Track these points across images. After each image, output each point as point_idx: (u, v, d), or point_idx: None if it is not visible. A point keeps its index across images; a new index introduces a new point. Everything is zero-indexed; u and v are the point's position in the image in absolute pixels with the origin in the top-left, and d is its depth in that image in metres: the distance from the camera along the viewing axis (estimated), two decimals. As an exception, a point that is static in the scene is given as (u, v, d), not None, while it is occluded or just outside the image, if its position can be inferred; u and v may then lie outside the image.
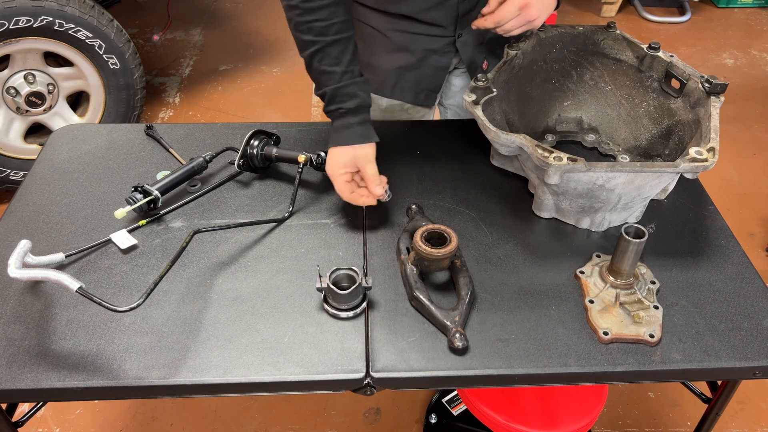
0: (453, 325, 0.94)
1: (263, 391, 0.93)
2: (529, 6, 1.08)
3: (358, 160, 1.07)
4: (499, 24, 1.11)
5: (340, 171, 1.08)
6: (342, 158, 1.07)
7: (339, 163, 1.07)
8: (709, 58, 3.32)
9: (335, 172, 1.08)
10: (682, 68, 1.18)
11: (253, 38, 3.44)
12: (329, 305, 0.99)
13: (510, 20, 1.10)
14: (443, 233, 1.01)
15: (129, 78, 2.37)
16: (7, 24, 2.04)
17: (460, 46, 1.30)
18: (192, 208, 1.19)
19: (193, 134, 1.37)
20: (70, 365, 0.92)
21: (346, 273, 0.98)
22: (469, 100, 1.13)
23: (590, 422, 1.27)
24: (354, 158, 1.07)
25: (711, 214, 1.19)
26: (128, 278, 1.05)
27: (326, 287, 0.97)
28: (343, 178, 1.08)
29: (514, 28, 1.12)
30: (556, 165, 0.98)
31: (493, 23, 1.11)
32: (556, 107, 1.34)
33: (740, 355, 0.94)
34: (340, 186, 1.09)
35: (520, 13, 1.09)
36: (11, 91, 2.21)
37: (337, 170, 1.08)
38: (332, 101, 1.06)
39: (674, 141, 1.19)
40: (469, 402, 1.30)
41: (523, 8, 1.09)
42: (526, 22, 1.11)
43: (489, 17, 1.12)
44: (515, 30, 1.12)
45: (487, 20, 1.12)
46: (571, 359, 0.93)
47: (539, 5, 1.09)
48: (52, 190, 1.23)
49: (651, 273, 1.05)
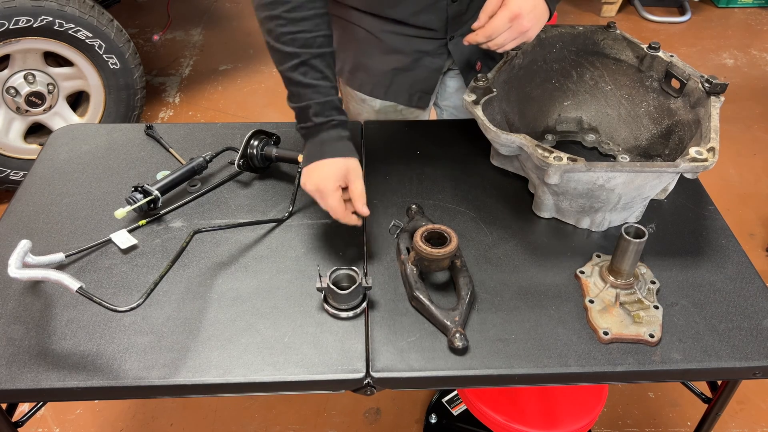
0: (453, 325, 0.94)
1: (263, 391, 0.93)
2: (520, 17, 1.04)
3: (350, 174, 1.01)
4: (490, 38, 1.07)
5: (333, 185, 0.99)
6: (334, 171, 1.00)
7: (331, 176, 1.00)
8: (709, 58, 3.32)
9: (328, 187, 0.99)
10: (682, 68, 1.18)
11: (253, 38, 3.44)
12: (329, 305, 0.99)
13: (501, 33, 1.06)
14: (443, 233, 1.01)
15: (129, 78, 2.37)
16: (7, 24, 2.04)
17: (452, 48, 1.30)
18: (192, 208, 1.19)
19: (193, 134, 1.37)
20: (70, 365, 0.92)
21: (346, 273, 0.98)
22: (469, 100, 1.13)
23: (590, 422, 1.27)
24: (346, 171, 1.00)
25: (711, 214, 1.19)
26: (128, 278, 1.05)
27: (326, 287, 0.97)
28: (337, 193, 1.00)
29: (507, 41, 1.07)
30: (556, 165, 0.98)
31: (485, 37, 1.07)
32: (556, 107, 1.34)
33: (740, 355, 0.94)
34: (335, 203, 1.00)
35: (511, 25, 1.05)
36: (11, 91, 2.21)
37: (330, 184, 0.99)
38: (320, 114, 1.01)
39: (674, 141, 1.19)
40: (469, 402, 1.30)
41: (514, 19, 1.04)
42: (519, 34, 1.06)
43: (480, 32, 1.07)
44: (509, 43, 1.08)
45: (478, 35, 1.08)
46: (571, 359, 0.93)
47: (531, 16, 1.05)
48: (52, 190, 1.23)
49: (651, 273, 1.05)
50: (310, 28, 0.99)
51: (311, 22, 0.99)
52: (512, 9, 1.04)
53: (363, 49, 1.31)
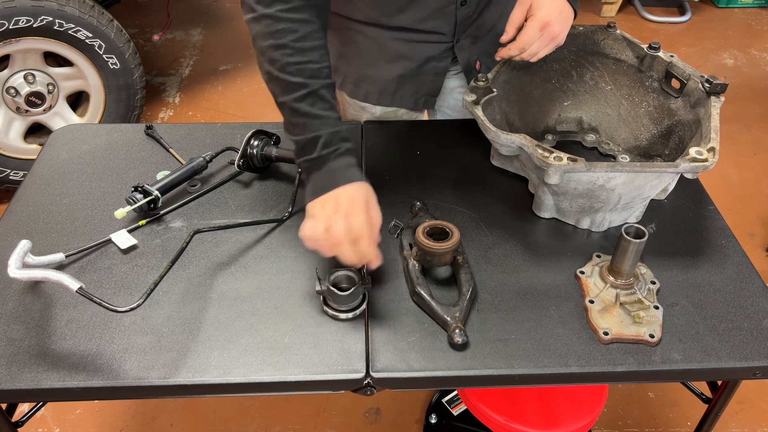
0: (453, 321, 0.95)
1: (263, 391, 0.93)
2: (550, 24, 1.05)
3: (371, 200, 0.94)
4: (523, 49, 1.07)
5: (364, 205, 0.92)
6: (361, 194, 0.93)
7: (358, 198, 0.92)
8: (709, 58, 3.32)
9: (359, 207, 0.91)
10: (682, 68, 1.18)
11: (253, 38, 3.44)
12: (329, 307, 0.99)
13: (534, 43, 1.07)
14: (445, 228, 1.01)
15: (129, 78, 2.37)
16: (7, 24, 2.04)
17: (458, 51, 1.30)
18: (192, 208, 1.19)
19: (193, 134, 1.37)
20: (70, 365, 0.92)
21: (346, 274, 0.98)
22: (469, 100, 1.13)
23: (590, 422, 1.27)
24: (367, 197, 0.93)
25: (711, 214, 1.18)
26: (128, 278, 1.05)
27: (325, 290, 0.97)
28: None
29: (540, 49, 1.08)
30: (556, 165, 0.98)
31: (518, 50, 1.08)
32: (556, 107, 1.34)
33: (740, 355, 0.94)
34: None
35: (542, 34, 1.06)
36: (11, 91, 2.21)
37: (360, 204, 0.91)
38: (328, 145, 0.94)
39: (674, 141, 1.19)
40: (469, 402, 1.30)
41: (544, 27, 1.05)
42: (551, 40, 1.08)
43: (512, 45, 1.08)
44: (543, 51, 1.09)
45: (510, 49, 1.08)
46: (571, 359, 0.93)
47: (559, 20, 1.06)
48: (52, 190, 1.23)
49: (651, 273, 1.05)
50: (317, 59, 0.95)
51: (318, 53, 0.95)
52: (541, 18, 1.05)
53: (367, 59, 1.30)
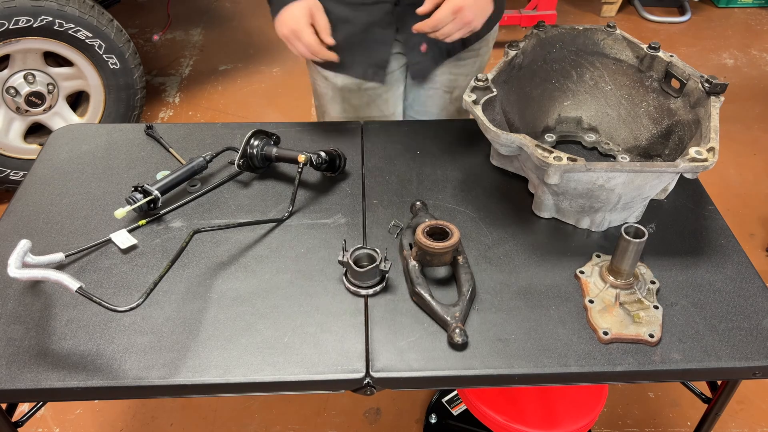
0: (453, 321, 0.95)
1: (263, 391, 0.93)
2: (463, 9, 1.10)
3: (314, 9, 1.11)
4: (436, 28, 1.13)
5: (305, 21, 1.09)
6: (302, 10, 1.10)
7: (301, 15, 1.10)
8: (709, 58, 3.32)
9: (301, 23, 1.10)
10: (682, 68, 1.18)
11: (253, 38, 3.44)
12: (348, 281, 1.03)
13: (446, 24, 1.12)
14: (445, 228, 1.01)
15: (129, 78, 2.37)
16: (7, 24, 2.04)
17: (398, 17, 1.30)
18: (192, 208, 1.19)
19: (193, 134, 1.37)
20: (70, 365, 0.92)
21: (367, 252, 1.02)
22: (469, 100, 1.13)
23: (590, 422, 1.27)
24: (309, 8, 1.11)
25: (711, 214, 1.19)
26: (128, 278, 1.05)
27: (347, 262, 1.00)
28: (310, 29, 1.11)
29: (452, 32, 1.13)
30: (556, 165, 0.98)
31: (430, 28, 1.13)
32: (556, 107, 1.34)
33: (740, 355, 0.94)
34: (310, 38, 1.11)
35: (455, 17, 1.11)
36: (11, 91, 2.21)
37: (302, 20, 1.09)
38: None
39: (674, 141, 1.19)
40: (469, 402, 1.30)
41: (457, 12, 1.10)
42: (464, 25, 1.13)
43: (426, 21, 1.13)
44: (455, 34, 1.14)
45: (425, 24, 1.14)
46: (571, 359, 0.93)
47: (473, 8, 1.11)
48: (52, 190, 1.23)
49: (651, 273, 1.05)
50: None
51: None
52: (455, 2, 1.10)
53: None
